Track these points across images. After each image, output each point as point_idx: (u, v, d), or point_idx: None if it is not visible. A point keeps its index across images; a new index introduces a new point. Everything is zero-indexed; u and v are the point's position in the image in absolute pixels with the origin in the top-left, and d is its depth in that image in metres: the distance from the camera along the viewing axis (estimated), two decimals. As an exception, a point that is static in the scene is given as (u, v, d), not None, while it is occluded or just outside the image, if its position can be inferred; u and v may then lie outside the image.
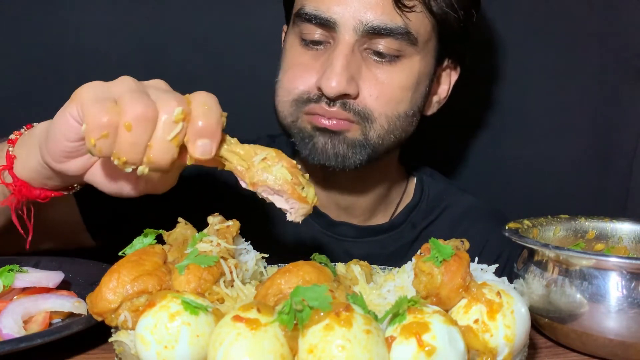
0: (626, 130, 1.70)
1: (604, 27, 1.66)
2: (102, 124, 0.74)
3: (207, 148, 0.78)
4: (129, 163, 0.76)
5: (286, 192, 0.80)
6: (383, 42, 1.13)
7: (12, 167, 0.92)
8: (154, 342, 0.68)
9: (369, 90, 1.15)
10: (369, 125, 1.16)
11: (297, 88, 1.17)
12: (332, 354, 0.62)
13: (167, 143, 0.76)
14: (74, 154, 0.84)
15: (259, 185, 0.81)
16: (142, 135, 0.75)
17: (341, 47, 1.13)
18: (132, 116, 0.74)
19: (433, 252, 0.76)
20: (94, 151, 0.76)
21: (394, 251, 1.34)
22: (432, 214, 1.39)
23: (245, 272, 0.86)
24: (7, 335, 0.80)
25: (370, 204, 1.34)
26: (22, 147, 0.93)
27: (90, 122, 0.75)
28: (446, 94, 1.33)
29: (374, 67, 1.15)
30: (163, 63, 1.60)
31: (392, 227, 1.36)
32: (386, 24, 1.12)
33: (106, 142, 0.75)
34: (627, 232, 1.04)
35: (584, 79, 1.69)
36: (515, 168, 1.72)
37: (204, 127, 0.77)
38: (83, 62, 1.58)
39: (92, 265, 1.01)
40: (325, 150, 1.16)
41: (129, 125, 0.74)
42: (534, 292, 0.89)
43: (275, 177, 0.80)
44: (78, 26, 1.58)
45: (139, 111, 0.74)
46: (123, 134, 0.74)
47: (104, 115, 0.74)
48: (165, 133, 0.76)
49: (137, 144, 0.75)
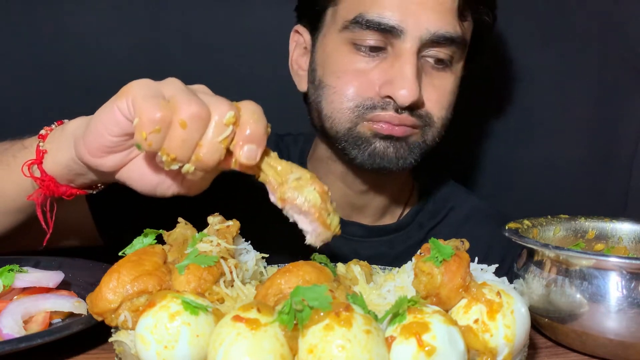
0: (626, 130, 1.70)
1: (604, 27, 1.66)
2: (155, 119, 0.76)
3: (253, 154, 0.80)
4: (177, 160, 0.78)
5: (312, 215, 0.82)
6: (443, 50, 1.17)
7: (41, 162, 0.92)
8: (154, 342, 0.68)
9: (429, 96, 1.18)
10: (429, 129, 1.20)
11: (360, 95, 1.17)
12: (332, 354, 0.62)
13: (217, 144, 0.78)
14: (113, 149, 0.84)
15: (287, 202, 0.82)
16: (195, 133, 0.77)
17: (408, 55, 1.13)
18: (187, 114, 0.76)
19: (433, 252, 0.76)
20: (143, 144, 0.77)
21: (401, 251, 1.34)
22: (438, 215, 1.41)
23: (245, 272, 0.86)
24: (7, 335, 0.80)
25: (383, 203, 1.36)
26: (52, 143, 0.93)
27: (144, 115, 0.76)
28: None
29: (431, 73, 1.19)
30: (163, 63, 1.60)
31: (400, 227, 1.38)
32: (450, 34, 1.15)
33: (157, 137, 0.76)
34: (627, 232, 1.04)
35: (584, 79, 1.69)
36: (515, 168, 1.72)
37: (253, 133, 0.79)
38: (83, 62, 1.58)
39: (92, 265, 1.01)
40: (387, 154, 1.18)
41: (184, 123, 0.76)
42: (534, 292, 0.89)
43: (306, 198, 0.81)
44: (78, 26, 1.58)
45: (194, 110, 0.76)
46: (176, 130, 0.76)
47: (158, 110, 0.76)
48: (216, 134, 0.78)
49: (188, 142, 0.77)
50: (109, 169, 0.87)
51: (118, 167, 0.87)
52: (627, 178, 1.71)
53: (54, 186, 0.93)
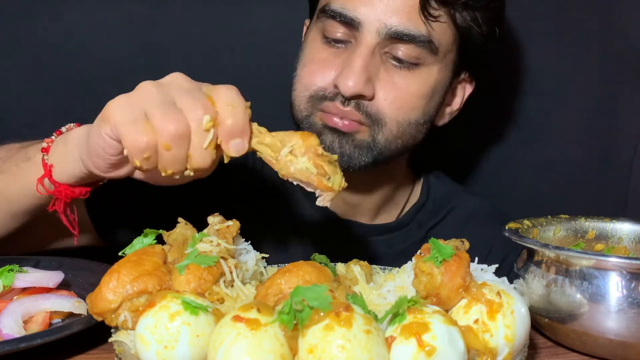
0: (626, 130, 1.70)
1: (604, 27, 1.66)
2: (142, 148, 0.79)
3: (240, 146, 0.83)
4: (175, 173, 0.82)
5: (312, 184, 0.86)
6: (404, 48, 1.14)
7: (51, 175, 0.95)
8: (154, 342, 0.68)
9: (385, 94, 1.15)
10: (379, 128, 1.17)
11: (315, 84, 1.18)
12: (332, 354, 0.62)
13: (204, 150, 0.81)
14: (120, 164, 0.88)
15: (287, 177, 0.87)
16: (180, 151, 0.80)
17: (362, 48, 1.13)
18: (168, 137, 0.79)
19: (433, 252, 0.76)
20: (141, 169, 0.82)
21: (401, 251, 1.33)
22: (439, 215, 1.40)
23: (245, 272, 0.86)
24: (7, 335, 0.80)
25: (376, 203, 1.35)
26: (57, 156, 0.96)
27: (130, 146, 0.80)
28: (459, 107, 1.33)
29: (392, 72, 1.16)
30: (163, 63, 1.60)
31: (399, 226, 1.37)
32: (410, 30, 1.12)
33: (149, 162, 0.81)
34: (627, 232, 1.04)
35: (583, 79, 1.69)
36: (515, 168, 1.72)
37: (233, 127, 0.81)
38: (83, 62, 1.58)
39: (92, 265, 1.01)
40: (332, 148, 1.17)
41: (167, 146, 0.79)
42: (534, 292, 0.89)
43: (301, 170, 0.86)
44: (78, 26, 1.58)
45: (173, 130, 0.79)
46: (163, 153, 0.80)
47: (141, 137, 0.79)
48: (200, 142, 0.80)
49: (177, 158, 0.81)
50: (123, 176, 0.91)
51: (130, 174, 0.91)
52: (627, 178, 1.71)
53: (70, 192, 0.96)
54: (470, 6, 1.16)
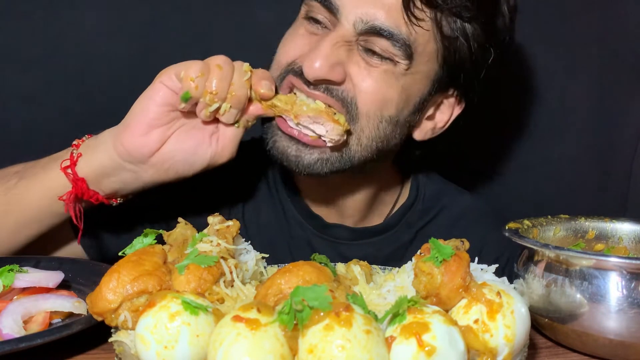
0: (626, 130, 1.70)
1: (604, 27, 1.66)
2: (199, 67, 1.00)
3: (269, 86, 1.05)
4: (218, 96, 1.00)
5: (323, 117, 1.07)
6: (379, 44, 1.09)
7: (75, 164, 1.04)
8: (154, 342, 0.68)
9: (357, 81, 1.10)
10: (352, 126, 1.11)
11: (285, 62, 1.15)
12: (332, 354, 0.62)
13: (244, 82, 1.03)
14: (157, 121, 1.02)
15: (301, 116, 1.07)
16: (228, 73, 1.01)
17: (335, 34, 1.09)
18: (221, 60, 1.02)
19: (433, 252, 0.76)
20: (190, 89, 0.99)
21: (389, 254, 1.31)
22: (429, 215, 1.36)
23: (245, 272, 0.86)
24: (7, 335, 0.80)
25: (361, 204, 1.31)
26: (86, 148, 1.05)
27: (190, 68, 1.00)
28: (444, 125, 1.26)
29: (370, 63, 1.11)
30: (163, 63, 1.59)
31: (387, 228, 1.34)
32: (387, 28, 1.07)
33: (202, 80, 0.99)
34: (627, 232, 1.04)
35: (583, 79, 1.69)
36: (515, 168, 1.72)
37: (262, 74, 1.06)
38: (83, 62, 1.58)
39: (92, 265, 1.01)
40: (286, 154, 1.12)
41: (220, 66, 1.01)
42: (534, 292, 0.89)
43: (313, 108, 1.08)
44: (78, 26, 1.58)
45: (224, 58, 1.03)
46: (215, 72, 1.00)
47: (201, 62, 1.01)
48: (241, 76, 1.03)
49: (225, 79, 1.01)
50: (150, 148, 1.02)
51: (159, 144, 1.02)
52: (627, 178, 1.71)
53: (85, 187, 1.04)
54: (457, 14, 1.10)
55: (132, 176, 1.05)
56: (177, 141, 1.04)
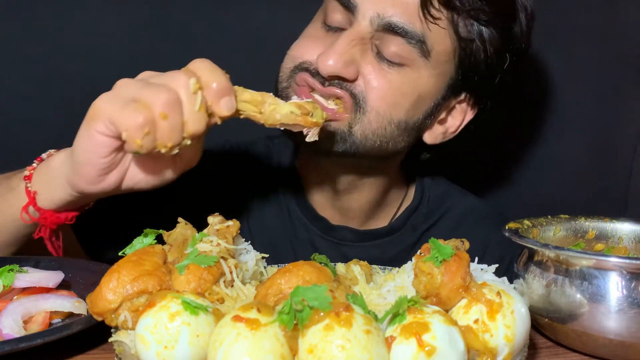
0: (626, 130, 1.70)
1: (604, 27, 1.66)
2: (140, 124, 0.81)
3: (230, 104, 0.89)
4: (175, 146, 0.85)
5: (298, 123, 0.96)
6: (395, 42, 1.09)
7: (35, 203, 0.96)
8: (154, 342, 0.68)
9: (369, 80, 1.11)
10: (359, 116, 1.11)
11: (301, 57, 1.15)
12: (332, 354, 0.62)
13: (197, 113, 0.85)
14: (109, 168, 0.90)
15: (274, 125, 0.94)
16: (177, 117, 0.84)
17: (351, 31, 1.10)
18: (163, 106, 0.82)
19: (433, 252, 0.76)
20: (140, 150, 0.83)
21: (393, 256, 1.31)
22: (433, 217, 1.37)
23: (245, 272, 0.86)
24: (7, 335, 0.80)
25: (367, 206, 1.32)
26: (41, 183, 0.96)
27: (129, 126, 0.82)
28: (455, 129, 1.27)
29: (384, 63, 1.11)
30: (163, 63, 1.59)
31: (392, 230, 1.34)
32: (403, 24, 1.08)
33: (150, 138, 0.83)
34: (627, 232, 1.04)
35: (583, 79, 1.69)
36: (515, 168, 1.72)
37: (219, 87, 0.87)
38: (83, 62, 1.58)
39: (92, 265, 1.01)
40: None
41: (165, 115, 0.83)
42: (534, 292, 0.89)
43: (286, 115, 0.94)
44: (78, 27, 1.58)
45: (165, 98, 0.82)
46: (161, 124, 0.83)
47: (138, 115, 0.81)
48: (192, 106, 0.85)
49: (175, 126, 0.84)
50: (112, 187, 0.92)
51: (120, 181, 0.92)
52: (627, 178, 1.71)
53: (55, 218, 0.98)
54: (474, 17, 1.11)
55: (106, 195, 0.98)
56: (137, 172, 0.93)
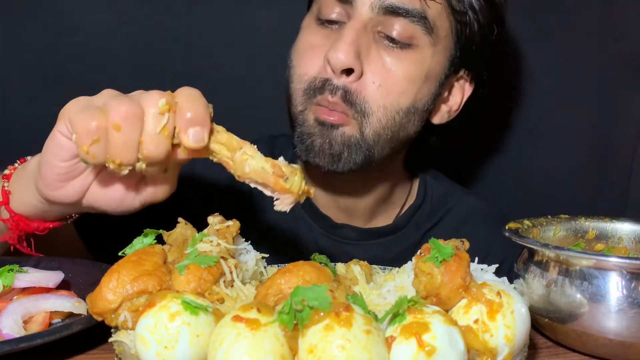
0: (626, 130, 1.70)
1: (604, 27, 1.66)
2: (91, 129, 0.75)
3: (199, 136, 0.79)
4: (124, 164, 0.78)
5: (269, 185, 0.82)
6: (398, 24, 1.12)
7: (8, 203, 0.93)
8: (154, 342, 0.68)
9: (373, 76, 1.12)
10: (366, 120, 1.14)
11: (307, 74, 1.16)
12: (332, 354, 0.62)
13: (157, 135, 0.77)
14: (69, 175, 0.84)
15: (243, 178, 0.83)
16: (132, 132, 0.76)
17: (354, 21, 1.11)
18: (119, 116, 0.76)
19: (433, 252, 0.76)
20: (87, 158, 0.77)
21: (396, 255, 1.32)
22: (436, 216, 1.38)
23: (245, 272, 0.86)
24: (7, 335, 0.79)
25: (371, 205, 1.33)
26: (17, 182, 0.94)
27: (79, 129, 0.76)
28: (458, 107, 1.30)
29: (384, 51, 1.13)
30: (163, 63, 1.60)
31: (395, 229, 1.35)
32: (404, 4, 1.10)
33: (98, 147, 0.76)
34: (627, 232, 1.04)
35: (583, 79, 1.69)
36: (515, 168, 1.72)
37: (194, 116, 0.78)
38: (83, 62, 1.58)
39: (92, 265, 1.01)
40: (323, 150, 1.15)
41: (118, 126, 0.76)
42: (534, 292, 0.89)
43: (256, 170, 0.81)
44: (78, 26, 1.58)
45: (124, 109, 0.76)
46: (113, 135, 0.76)
47: (91, 120, 0.76)
48: (153, 126, 0.77)
49: (128, 142, 0.76)
50: (72, 199, 0.86)
51: (80, 194, 0.87)
52: (627, 178, 1.71)
53: (24, 224, 0.94)
54: None
55: (71, 210, 0.95)
56: (100, 191, 0.87)
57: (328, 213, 1.32)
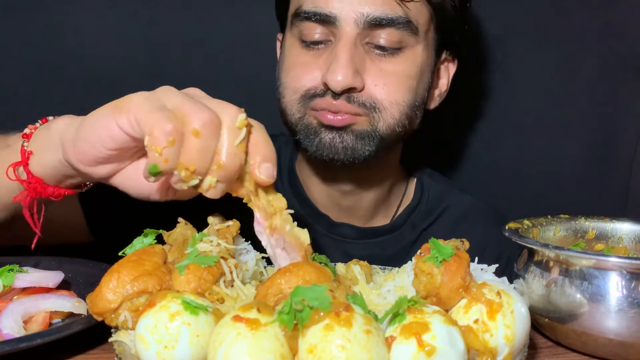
0: (626, 130, 1.70)
1: (604, 27, 1.67)
2: (167, 131, 0.72)
3: (270, 171, 0.79)
4: (197, 172, 0.75)
5: (298, 252, 0.83)
6: (384, 33, 1.13)
7: (27, 164, 0.89)
8: (154, 342, 0.68)
9: (374, 81, 1.15)
10: (378, 114, 1.15)
11: (304, 86, 1.17)
12: (332, 354, 0.62)
13: (235, 148, 0.76)
14: (107, 160, 0.82)
15: (277, 231, 0.82)
16: (210, 140, 0.74)
17: (344, 41, 1.12)
18: (200, 123, 0.73)
19: (433, 252, 0.76)
20: (159, 162, 0.73)
21: (394, 253, 1.33)
22: (432, 215, 1.39)
23: (245, 272, 0.86)
24: (7, 335, 0.80)
25: (372, 204, 1.34)
26: (37, 143, 0.90)
27: (155, 130, 0.72)
28: (446, 87, 1.33)
29: (378, 60, 1.15)
30: (163, 63, 1.60)
31: (393, 228, 1.36)
32: (387, 14, 1.12)
33: (172, 151, 0.73)
34: (627, 232, 1.04)
35: (583, 79, 1.69)
36: (515, 168, 1.72)
37: (268, 152, 0.78)
38: (84, 62, 1.58)
39: (92, 265, 1.01)
40: (334, 144, 1.16)
41: (197, 132, 0.73)
42: (534, 292, 0.89)
43: (297, 235, 0.83)
44: (78, 26, 1.58)
45: (205, 117, 0.74)
46: (191, 141, 0.73)
47: (169, 122, 0.72)
48: (232, 138, 0.76)
49: (206, 150, 0.74)
50: (100, 177, 0.85)
51: (110, 174, 0.85)
52: (627, 178, 1.71)
53: (41, 187, 0.90)
54: None
55: (93, 181, 0.92)
56: (129, 180, 0.85)
57: (327, 212, 1.34)
